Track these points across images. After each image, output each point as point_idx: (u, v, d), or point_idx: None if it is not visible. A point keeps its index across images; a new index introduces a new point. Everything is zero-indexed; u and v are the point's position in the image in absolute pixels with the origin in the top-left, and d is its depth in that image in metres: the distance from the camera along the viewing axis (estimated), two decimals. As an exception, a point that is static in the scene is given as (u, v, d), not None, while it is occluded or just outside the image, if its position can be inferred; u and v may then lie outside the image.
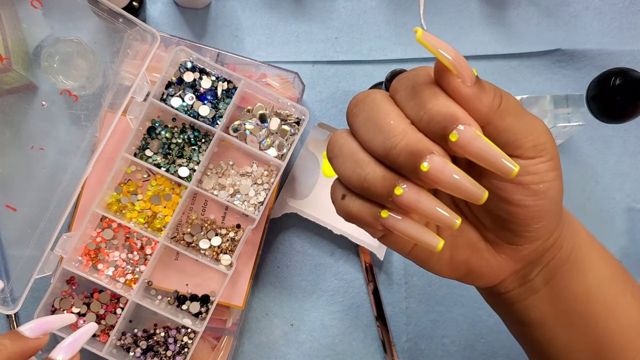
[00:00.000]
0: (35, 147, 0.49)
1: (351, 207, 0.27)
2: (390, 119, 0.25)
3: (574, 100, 0.48)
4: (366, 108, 0.26)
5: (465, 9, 0.57)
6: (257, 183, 0.50)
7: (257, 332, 0.54)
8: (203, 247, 0.49)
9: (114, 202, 0.49)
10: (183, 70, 0.49)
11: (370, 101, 0.26)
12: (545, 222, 0.29)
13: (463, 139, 0.24)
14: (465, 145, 0.24)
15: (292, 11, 0.56)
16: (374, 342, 0.54)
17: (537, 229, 0.28)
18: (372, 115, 0.26)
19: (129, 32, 0.47)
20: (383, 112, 0.25)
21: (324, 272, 0.54)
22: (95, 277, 0.47)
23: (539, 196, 0.27)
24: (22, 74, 0.48)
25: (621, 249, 0.56)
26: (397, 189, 0.25)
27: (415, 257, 0.30)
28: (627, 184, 0.56)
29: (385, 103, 0.26)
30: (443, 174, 0.24)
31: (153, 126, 0.49)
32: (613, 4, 0.57)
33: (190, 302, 0.49)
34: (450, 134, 0.24)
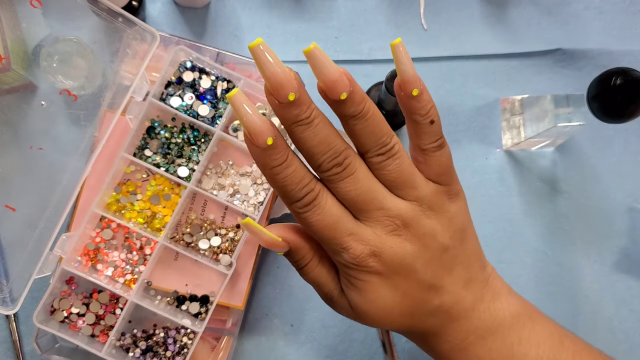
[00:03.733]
0: (35, 147, 0.49)
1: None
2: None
3: (574, 100, 0.48)
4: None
5: (465, 9, 0.57)
6: (256, 183, 0.50)
7: (257, 332, 0.53)
8: (202, 247, 0.49)
9: (113, 202, 0.49)
10: (182, 69, 0.49)
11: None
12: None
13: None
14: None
15: (291, 11, 0.56)
16: (374, 342, 0.54)
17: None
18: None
19: (128, 32, 0.47)
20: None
21: (323, 272, 0.54)
22: (94, 277, 0.47)
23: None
24: (21, 74, 0.47)
25: (622, 249, 0.56)
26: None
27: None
28: (627, 183, 0.56)
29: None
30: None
31: (152, 126, 0.49)
32: (614, 4, 0.57)
33: (190, 302, 0.49)
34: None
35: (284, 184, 0.30)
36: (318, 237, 0.31)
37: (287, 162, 0.29)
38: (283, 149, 0.29)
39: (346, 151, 0.30)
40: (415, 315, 0.32)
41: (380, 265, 0.31)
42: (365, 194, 0.30)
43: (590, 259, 0.55)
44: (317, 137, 0.29)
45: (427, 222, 0.31)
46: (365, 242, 0.30)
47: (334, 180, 0.30)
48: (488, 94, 0.56)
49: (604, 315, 0.55)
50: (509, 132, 0.55)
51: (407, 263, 0.31)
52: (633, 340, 0.55)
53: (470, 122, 0.56)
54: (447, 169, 0.32)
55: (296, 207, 0.30)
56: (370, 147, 0.30)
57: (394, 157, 0.31)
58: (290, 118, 0.29)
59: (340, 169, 0.30)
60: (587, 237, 0.56)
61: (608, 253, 0.56)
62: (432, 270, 0.32)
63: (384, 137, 0.30)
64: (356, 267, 0.31)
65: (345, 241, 0.30)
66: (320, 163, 0.30)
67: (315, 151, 0.29)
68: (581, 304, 0.55)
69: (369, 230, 0.31)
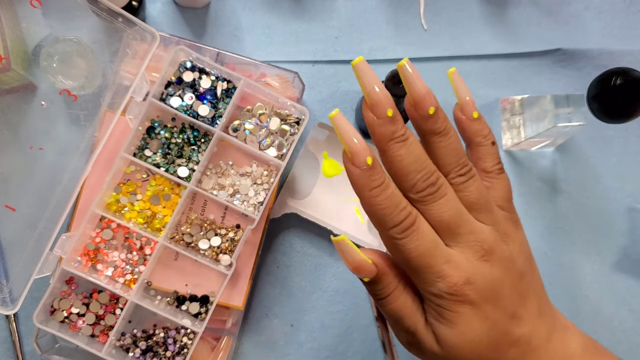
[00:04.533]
0: (35, 147, 0.49)
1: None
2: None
3: (574, 100, 0.48)
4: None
5: (465, 9, 0.57)
6: (256, 183, 0.50)
7: (256, 332, 0.53)
8: (202, 247, 0.49)
9: (113, 202, 0.49)
10: (182, 69, 0.49)
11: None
12: None
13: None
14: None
15: (291, 11, 0.56)
16: (374, 342, 0.54)
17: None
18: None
19: (128, 32, 0.47)
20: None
21: (324, 272, 0.54)
22: (94, 277, 0.47)
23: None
24: (21, 74, 0.47)
25: (622, 249, 0.56)
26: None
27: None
28: (628, 184, 0.56)
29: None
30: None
31: (152, 126, 0.49)
32: (614, 4, 0.57)
33: (190, 302, 0.49)
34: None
35: (382, 207, 0.29)
36: (413, 265, 0.30)
37: (385, 184, 0.29)
38: (381, 170, 0.29)
39: (437, 172, 0.30)
40: (500, 348, 0.31)
41: (474, 294, 0.30)
42: (458, 217, 0.30)
43: (590, 259, 0.55)
44: (412, 155, 0.29)
45: (505, 247, 0.31)
46: (461, 269, 0.29)
47: (427, 202, 0.30)
48: (488, 94, 0.56)
49: (604, 315, 0.55)
50: (509, 132, 0.55)
51: (496, 290, 0.30)
52: (633, 340, 0.55)
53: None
54: (510, 193, 0.32)
55: (394, 233, 0.29)
56: (452, 167, 0.31)
57: (473, 179, 0.31)
58: (388, 135, 0.29)
59: (434, 189, 0.30)
60: (587, 237, 0.56)
61: (608, 253, 0.56)
62: (514, 298, 0.31)
63: (463, 158, 0.31)
64: (450, 297, 0.30)
65: (442, 269, 0.29)
66: (415, 182, 0.29)
67: (411, 169, 0.29)
68: (581, 304, 0.55)
69: (462, 256, 0.30)
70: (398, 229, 0.29)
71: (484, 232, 0.30)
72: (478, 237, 0.30)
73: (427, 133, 0.31)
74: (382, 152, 0.30)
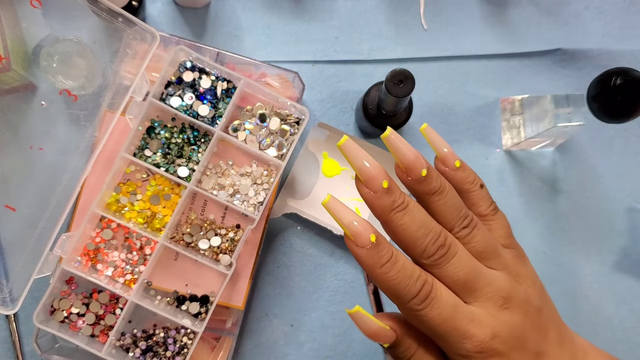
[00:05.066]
0: (35, 147, 0.49)
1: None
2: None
3: (574, 100, 0.48)
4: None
5: (465, 9, 0.57)
6: (256, 183, 0.50)
7: (256, 332, 0.53)
8: (202, 247, 0.49)
9: (113, 202, 0.49)
10: (182, 69, 0.49)
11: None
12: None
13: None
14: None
15: (291, 11, 0.56)
16: (374, 342, 0.54)
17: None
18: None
19: (128, 32, 0.47)
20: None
21: (324, 272, 0.54)
22: (94, 277, 0.47)
23: None
24: (21, 74, 0.47)
25: (622, 249, 0.56)
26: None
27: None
28: (628, 183, 0.56)
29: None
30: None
31: (152, 126, 0.49)
32: (614, 4, 0.57)
33: (190, 302, 0.49)
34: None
35: (397, 282, 0.28)
36: (437, 332, 0.29)
37: (394, 257, 0.29)
38: (387, 244, 0.29)
39: (444, 231, 0.30)
40: None
41: (501, 346, 0.29)
42: (473, 272, 0.29)
43: (590, 259, 0.55)
44: (416, 221, 0.29)
45: (520, 289, 0.31)
46: (485, 324, 0.29)
47: (441, 264, 0.29)
48: (488, 94, 0.56)
49: (604, 315, 0.55)
50: (509, 132, 0.55)
51: (520, 335, 0.30)
52: (633, 340, 0.55)
53: (470, 122, 0.56)
54: (509, 229, 0.33)
55: (414, 305, 0.29)
56: (455, 222, 0.30)
57: (477, 228, 0.31)
58: (388, 206, 0.29)
59: (445, 250, 0.29)
60: (587, 237, 0.56)
61: (608, 253, 0.56)
62: (537, 336, 0.31)
63: (463, 210, 0.31)
64: (479, 355, 0.29)
65: (467, 330, 0.29)
66: (425, 248, 0.29)
67: (418, 235, 0.29)
68: (581, 304, 0.55)
69: (484, 311, 0.29)
70: (417, 300, 0.29)
71: (499, 280, 0.30)
72: (495, 286, 0.30)
73: (423, 195, 0.30)
74: (385, 224, 0.29)
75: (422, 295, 0.29)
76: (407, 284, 0.28)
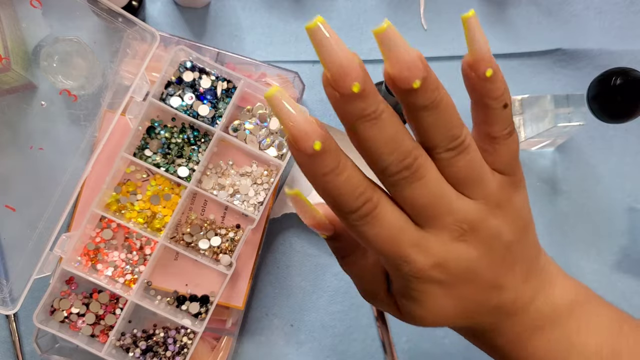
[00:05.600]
0: (35, 147, 0.49)
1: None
2: None
3: (574, 100, 0.48)
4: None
5: (465, 9, 0.57)
6: (256, 183, 0.50)
7: (256, 332, 0.53)
8: (202, 247, 0.49)
9: (113, 202, 0.49)
10: (182, 69, 0.49)
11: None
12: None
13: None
14: None
15: (292, 11, 0.56)
16: (374, 342, 0.54)
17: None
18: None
19: (128, 32, 0.47)
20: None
21: (324, 272, 0.54)
22: (94, 277, 0.47)
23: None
24: (21, 74, 0.47)
25: (622, 249, 0.56)
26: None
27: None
28: (627, 183, 0.56)
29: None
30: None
31: (152, 126, 0.49)
32: (614, 4, 0.57)
33: (190, 302, 0.49)
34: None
35: (337, 193, 0.25)
36: (374, 248, 0.27)
37: (339, 168, 0.25)
38: (334, 152, 0.24)
39: (416, 150, 0.25)
40: (473, 317, 0.29)
41: (444, 276, 0.27)
42: (436, 200, 0.26)
43: (590, 259, 0.55)
44: (384, 136, 0.24)
45: (493, 222, 0.28)
46: (430, 252, 0.26)
47: (400, 185, 0.26)
48: (488, 94, 0.56)
49: (604, 315, 0.55)
50: (509, 132, 0.55)
51: (471, 269, 0.27)
52: (633, 340, 0.55)
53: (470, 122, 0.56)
54: (514, 155, 0.28)
55: (351, 220, 0.26)
56: (440, 142, 0.26)
57: (465, 152, 0.26)
58: (354, 114, 0.24)
59: (409, 173, 0.25)
60: (587, 237, 0.56)
61: (608, 253, 0.56)
62: (494, 272, 0.28)
63: (454, 130, 0.26)
64: (416, 280, 0.27)
65: (408, 253, 0.26)
66: (387, 166, 0.25)
67: (382, 151, 0.25)
68: (581, 304, 0.55)
69: (435, 239, 0.27)
70: (355, 216, 0.25)
71: (468, 211, 0.27)
72: (458, 217, 0.27)
73: (410, 107, 0.26)
74: (348, 132, 0.25)
75: (361, 213, 0.25)
76: (348, 198, 0.25)
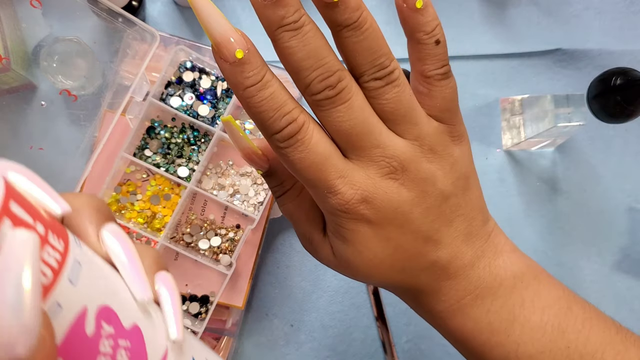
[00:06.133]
0: (35, 147, 0.49)
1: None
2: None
3: (574, 100, 0.48)
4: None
5: (465, 9, 0.57)
6: (256, 183, 0.50)
7: (256, 332, 0.53)
8: (202, 248, 0.49)
9: (113, 202, 0.49)
10: (182, 69, 0.49)
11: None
12: None
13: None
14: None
15: (292, 11, 0.56)
16: (374, 342, 0.54)
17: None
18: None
19: (128, 32, 0.47)
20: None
21: (324, 272, 0.54)
22: (94, 277, 0.47)
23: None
24: (21, 74, 0.47)
25: (621, 249, 0.56)
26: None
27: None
28: (628, 184, 0.56)
29: None
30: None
31: (152, 126, 0.49)
32: (614, 4, 0.57)
33: (190, 302, 0.49)
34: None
35: (260, 110, 0.24)
36: (301, 177, 0.26)
37: (263, 82, 0.24)
38: (258, 66, 0.24)
39: (341, 72, 0.25)
40: (407, 270, 0.28)
41: (371, 213, 0.26)
42: (361, 127, 0.25)
43: (590, 259, 0.55)
44: (305, 48, 0.24)
45: (427, 165, 0.27)
46: (357, 186, 0.26)
47: (324, 106, 0.25)
48: (488, 94, 0.56)
49: (604, 315, 0.55)
50: (509, 132, 0.55)
51: (402, 211, 0.27)
52: (633, 340, 0.55)
53: (470, 122, 0.56)
54: (452, 103, 0.27)
55: (276, 141, 0.25)
56: (366, 69, 0.25)
57: (393, 84, 0.26)
58: (274, 20, 0.24)
59: (333, 93, 0.25)
60: (587, 237, 0.56)
61: (608, 253, 0.56)
62: (429, 221, 0.28)
63: (382, 58, 0.25)
64: (344, 215, 0.26)
65: (333, 184, 0.26)
66: (310, 82, 0.25)
67: (303, 65, 0.24)
68: (581, 304, 0.55)
69: (362, 172, 0.26)
70: (279, 137, 0.25)
71: (398, 147, 0.26)
72: (386, 151, 0.26)
73: (334, 26, 0.25)
74: (272, 42, 0.25)
75: (285, 133, 0.25)
76: (272, 117, 0.25)
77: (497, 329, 0.29)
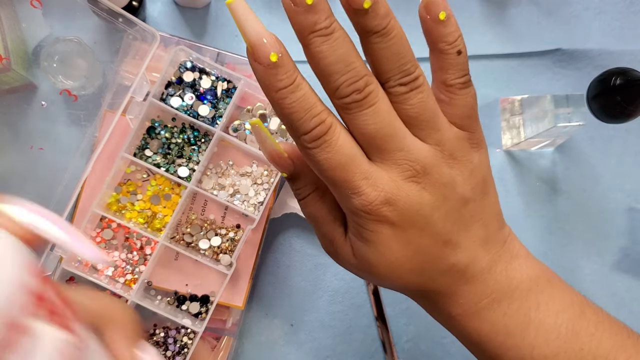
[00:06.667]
0: (35, 147, 0.49)
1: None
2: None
3: (574, 100, 0.48)
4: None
5: (465, 9, 0.57)
6: (257, 183, 0.50)
7: (256, 332, 0.53)
8: (203, 247, 0.49)
9: (113, 202, 0.49)
10: (183, 69, 0.49)
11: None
12: None
13: None
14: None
15: (292, 11, 0.56)
16: (374, 342, 0.54)
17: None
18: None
19: (128, 32, 0.47)
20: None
21: (324, 272, 0.54)
22: (94, 277, 0.47)
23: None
24: (21, 74, 0.47)
25: (621, 249, 0.56)
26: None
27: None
28: (627, 183, 0.56)
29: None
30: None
31: (153, 126, 0.49)
32: (614, 4, 0.57)
33: (190, 302, 0.49)
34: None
35: (290, 111, 0.26)
36: (326, 178, 0.27)
37: (295, 85, 0.26)
38: (290, 69, 0.26)
39: (368, 77, 0.26)
40: (426, 273, 0.29)
41: (394, 215, 0.27)
42: (386, 130, 0.26)
43: (590, 259, 0.55)
44: (335, 53, 0.25)
45: (448, 170, 0.28)
46: (380, 187, 0.27)
47: (351, 110, 0.26)
48: (488, 94, 0.56)
49: (604, 315, 0.55)
50: (508, 132, 0.55)
51: (423, 214, 0.27)
52: (633, 340, 0.55)
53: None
54: (472, 110, 0.29)
55: (304, 141, 0.26)
56: (392, 75, 0.27)
57: (417, 90, 0.27)
58: (307, 26, 0.25)
59: (361, 97, 0.26)
60: (587, 237, 0.56)
61: (608, 253, 0.56)
62: (449, 225, 0.28)
63: (407, 64, 0.27)
64: (367, 216, 0.27)
65: (357, 185, 0.26)
66: (338, 86, 0.26)
67: (333, 69, 0.26)
68: (581, 304, 0.55)
69: (385, 174, 0.27)
70: (308, 137, 0.26)
71: (421, 151, 0.27)
72: (410, 155, 0.27)
73: (363, 32, 0.26)
74: (303, 47, 0.26)
75: (314, 134, 0.26)
76: (302, 118, 0.26)
77: (513, 332, 0.30)
